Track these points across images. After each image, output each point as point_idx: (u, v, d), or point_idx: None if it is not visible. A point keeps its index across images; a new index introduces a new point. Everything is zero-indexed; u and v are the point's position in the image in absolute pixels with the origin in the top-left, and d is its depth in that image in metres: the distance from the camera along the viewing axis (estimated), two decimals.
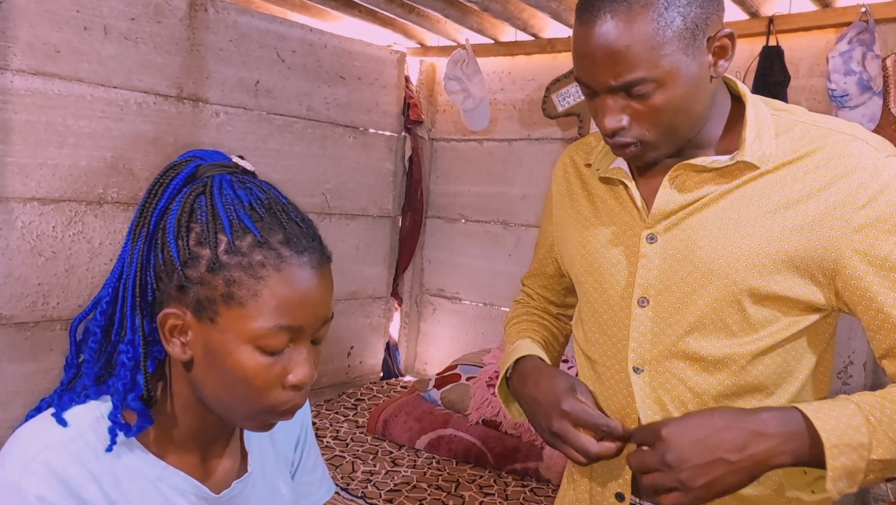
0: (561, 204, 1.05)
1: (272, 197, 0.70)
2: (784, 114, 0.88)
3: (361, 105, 2.97)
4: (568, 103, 2.63)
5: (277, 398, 0.69)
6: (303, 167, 2.77)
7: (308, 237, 0.69)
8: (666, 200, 0.88)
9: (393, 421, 2.46)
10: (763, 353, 0.86)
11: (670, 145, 0.85)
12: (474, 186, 3.09)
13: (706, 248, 0.85)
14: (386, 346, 3.20)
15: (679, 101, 0.80)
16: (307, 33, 2.73)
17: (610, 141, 0.85)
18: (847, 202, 0.80)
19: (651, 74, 0.78)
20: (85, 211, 2.22)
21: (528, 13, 2.61)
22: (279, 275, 0.66)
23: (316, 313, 0.69)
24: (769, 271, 0.83)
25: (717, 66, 0.82)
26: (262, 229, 0.67)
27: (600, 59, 0.79)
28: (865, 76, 2.01)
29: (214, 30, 2.45)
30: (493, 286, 3.03)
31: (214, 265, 0.66)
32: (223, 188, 0.69)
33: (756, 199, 0.84)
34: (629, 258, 0.92)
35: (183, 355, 0.69)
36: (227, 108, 2.52)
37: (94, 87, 2.18)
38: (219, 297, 0.66)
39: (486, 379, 2.43)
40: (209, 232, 0.67)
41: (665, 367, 0.89)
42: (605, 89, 0.81)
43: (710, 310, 0.86)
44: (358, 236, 3.03)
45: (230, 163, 0.73)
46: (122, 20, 2.22)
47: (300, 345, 0.69)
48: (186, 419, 0.73)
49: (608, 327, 0.95)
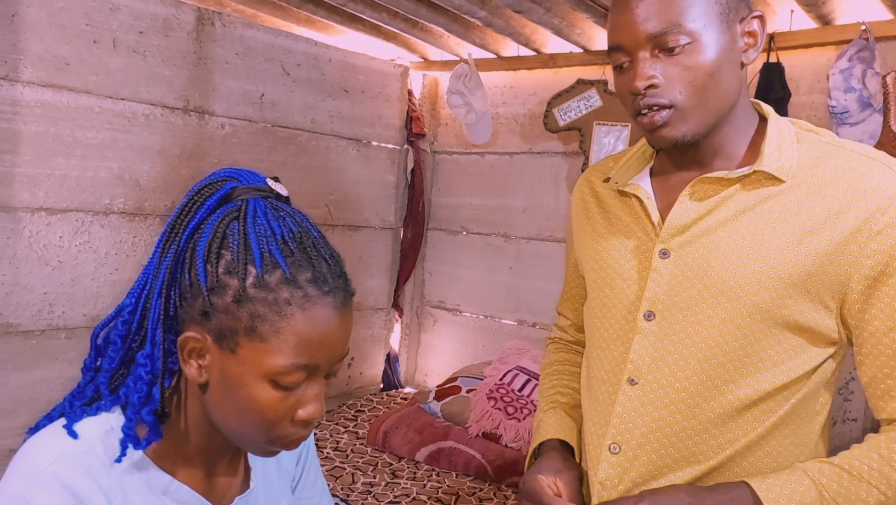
0: (579, 224, 1.06)
1: (304, 230, 0.71)
2: (810, 134, 0.88)
3: (365, 118, 3.00)
4: (570, 118, 2.65)
5: (285, 431, 0.70)
6: (306, 179, 2.80)
7: (335, 275, 0.70)
8: (681, 214, 0.88)
9: (393, 433, 2.46)
10: (762, 395, 0.84)
11: (698, 119, 0.84)
12: (476, 199, 3.11)
13: (718, 267, 0.85)
14: (386, 357, 3.21)
15: (711, 65, 0.82)
16: (312, 47, 2.76)
17: (641, 103, 0.85)
18: (864, 228, 0.80)
19: (689, 25, 0.80)
20: (91, 221, 2.24)
21: (530, 29, 2.64)
22: (303, 314, 0.66)
23: (334, 352, 0.70)
24: (781, 296, 0.82)
25: (747, 51, 0.85)
26: (291, 265, 0.67)
27: (638, 11, 0.82)
28: (866, 93, 2.03)
29: (221, 43, 2.48)
30: (493, 298, 3.04)
31: (241, 297, 0.66)
32: (257, 216, 0.69)
33: (774, 222, 0.83)
34: (640, 272, 0.92)
35: (199, 378, 0.70)
36: (232, 121, 2.55)
37: (102, 99, 2.21)
38: (242, 329, 0.66)
39: (486, 392, 2.44)
40: (239, 262, 0.67)
41: (661, 383, 0.88)
42: (643, 40, 0.82)
43: (716, 332, 0.85)
44: (360, 247, 3.05)
45: (265, 186, 0.73)
46: (131, 34, 2.25)
47: (314, 381, 0.70)
48: (196, 436, 0.74)
49: (611, 340, 0.94)
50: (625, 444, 0.90)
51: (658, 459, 0.88)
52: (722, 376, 0.85)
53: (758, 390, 0.84)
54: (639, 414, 0.89)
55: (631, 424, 0.89)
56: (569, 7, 2.31)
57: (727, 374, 0.85)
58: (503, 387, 2.45)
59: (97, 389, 0.73)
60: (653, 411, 0.88)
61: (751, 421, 0.85)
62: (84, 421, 0.71)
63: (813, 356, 0.85)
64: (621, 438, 0.90)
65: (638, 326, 0.90)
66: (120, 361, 0.73)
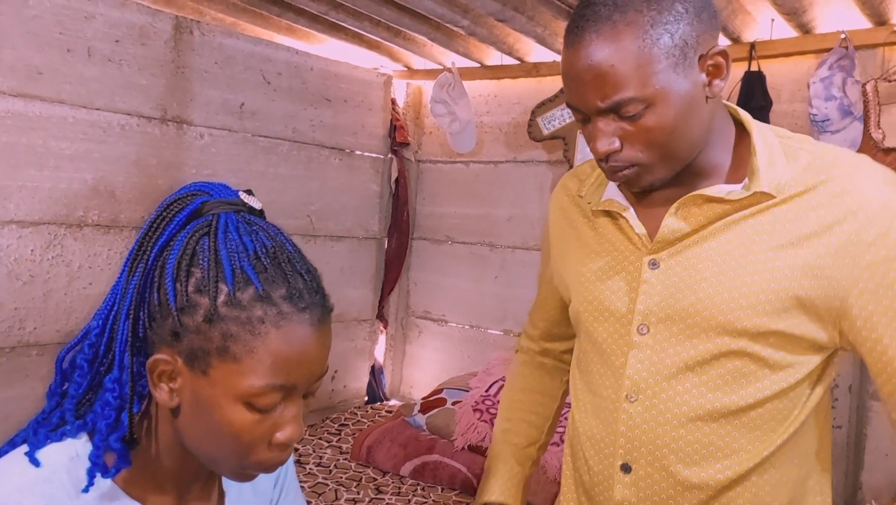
0: (559, 234, 1.03)
1: (278, 244, 0.68)
2: (789, 140, 0.86)
3: (347, 127, 2.97)
4: (553, 126, 2.64)
5: (262, 455, 0.67)
6: (287, 189, 2.76)
7: (311, 291, 0.67)
8: (672, 229, 0.85)
9: (377, 447, 2.42)
10: (762, 402, 0.84)
11: (667, 169, 0.83)
12: (460, 208, 3.09)
13: (710, 279, 0.83)
14: (371, 369, 3.17)
15: (672, 122, 0.78)
16: (293, 56, 2.73)
17: (604, 166, 0.83)
18: (855, 240, 0.78)
19: (639, 94, 0.76)
20: (64, 234, 2.18)
21: (513, 38, 2.63)
22: (278, 332, 0.64)
23: (312, 371, 0.67)
24: (774, 308, 0.80)
25: (711, 85, 0.80)
26: (264, 282, 0.65)
27: (588, 81, 0.78)
28: (846, 101, 2.04)
29: (200, 52, 2.44)
30: (479, 308, 3.01)
31: (212, 316, 0.64)
32: (229, 231, 0.67)
33: (764, 234, 0.82)
34: (630, 284, 0.89)
35: (170, 402, 0.67)
36: (211, 130, 2.50)
37: (76, 109, 2.16)
38: (213, 349, 0.64)
39: (471, 403, 2.41)
40: (210, 280, 0.64)
41: (661, 399, 0.86)
42: (595, 111, 0.79)
43: (712, 344, 0.83)
44: (343, 258, 3.01)
45: (237, 200, 0.70)
46: (106, 42, 2.20)
47: (292, 402, 0.67)
48: (167, 461, 0.71)
49: (606, 358, 0.92)
50: (635, 462, 0.88)
51: (669, 477, 0.87)
52: (721, 387, 0.84)
53: (758, 398, 0.84)
54: (643, 431, 0.87)
55: (637, 441, 0.88)
56: (551, 16, 2.31)
57: (726, 384, 0.84)
58: (489, 398, 2.42)
59: (63, 415, 0.69)
60: (656, 427, 0.87)
61: (755, 428, 0.85)
62: (48, 448, 0.67)
63: (807, 361, 0.84)
64: (631, 458, 0.89)
65: (633, 340, 0.88)
66: (87, 386, 0.70)
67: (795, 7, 2.04)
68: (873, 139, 2.12)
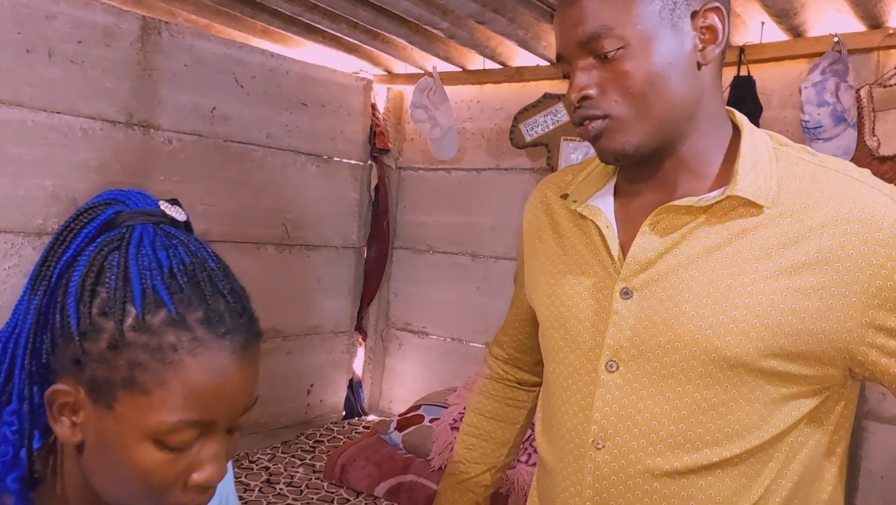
0: (531, 249, 0.94)
1: (199, 261, 0.60)
2: (786, 149, 0.77)
3: (325, 133, 2.88)
4: (536, 133, 2.55)
5: (177, 498, 0.60)
6: (261, 196, 2.66)
7: (234, 314, 0.60)
8: (644, 248, 0.76)
9: (351, 466, 2.31)
10: (751, 452, 0.73)
11: (642, 132, 0.75)
12: (442, 217, 3.00)
13: (690, 313, 0.73)
14: (349, 383, 3.06)
15: (651, 72, 0.72)
16: (268, 59, 2.64)
17: (575, 115, 0.78)
18: (863, 264, 0.69)
19: (618, 28, 0.72)
20: (22, 243, 2.08)
21: (495, 41, 2.55)
22: (193, 361, 0.57)
23: (235, 403, 0.60)
24: (766, 347, 0.70)
25: (704, 50, 0.74)
26: (179, 303, 0.57)
27: (570, 17, 0.75)
28: (839, 107, 1.95)
29: (169, 54, 2.35)
30: (461, 320, 2.91)
31: (118, 342, 0.56)
32: (142, 246, 0.59)
33: (754, 258, 0.72)
34: (599, 313, 0.79)
35: (72, 438, 0.59)
36: (180, 135, 2.41)
37: (35, 113, 2.07)
38: (119, 380, 0.57)
39: (449, 421, 2.31)
40: (116, 301, 0.57)
41: (632, 447, 0.76)
42: (575, 48, 0.75)
43: (691, 387, 0.73)
44: (320, 268, 2.91)
45: (156, 210, 0.63)
46: (69, 43, 2.11)
47: (211, 439, 0.60)
48: (75, 503, 0.63)
49: (571, 392, 0.82)
50: None
51: None
52: (702, 437, 0.74)
53: (745, 447, 0.73)
54: (612, 483, 0.77)
55: (605, 494, 0.78)
56: (533, 18, 2.22)
57: (707, 434, 0.74)
58: None
59: None
60: (626, 480, 0.76)
61: (743, 479, 0.74)
62: None
63: (806, 403, 0.74)
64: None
65: (599, 378, 0.79)
66: None
67: (786, 9, 1.95)
68: (868, 147, 2.03)
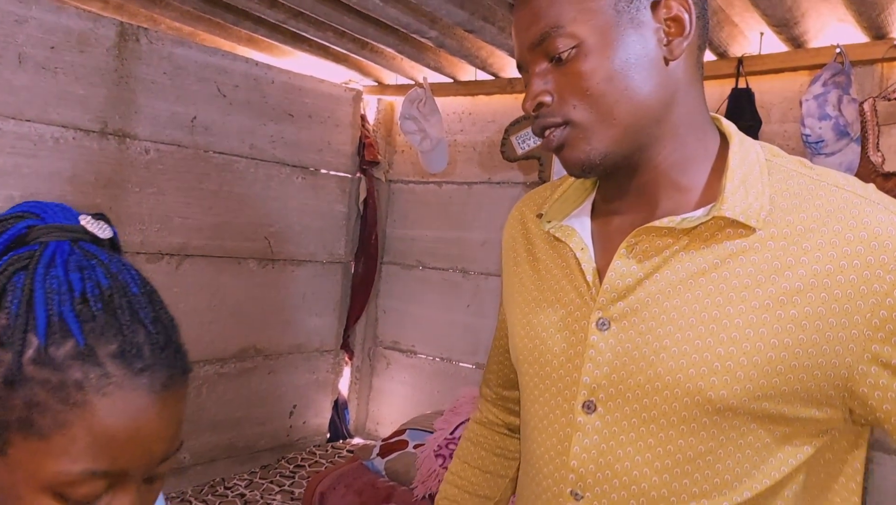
0: (507, 272, 0.86)
1: (119, 285, 0.52)
2: (780, 160, 0.69)
3: (312, 144, 2.79)
4: (528, 146, 2.47)
5: None
6: (243, 209, 2.57)
7: (156, 347, 0.52)
8: (621, 273, 0.68)
9: (330, 494, 2.20)
10: (754, 501, 0.65)
11: (607, 137, 0.67)
12: (432, 231, 2.91)
13: (672, 349, 0.65)
14: (334, 404, 2.96)
15: (611, 71, 0.66)
16: (251, 67, 2.56)
17: (535, 126, 0.72)
18: (866, 291, 0.60)
19: (570, 28, 0.67)
20: None
21: (486, 51, 2.47)
22: (102, 401, 0.49)
23: (151, 451, 0.52)
24: (756, 387, 0.62)
25: (671, 44, 0.67)
26: (89, 333, 0.50)
27: (522, 19, 0.71)
28: (842, 121, 1.87)
29: (147, 61, 2.27)
30: (450, 339, 2.81)
31: (14, 377, 0.49)
32: (53, 266, 0.52)
33: (743, 286, 0.63)
34: (574, 346, 0.71)
35: None
36: (158, 145, 2.32)
37: (3, 120, 1.98)
38: (13, 421, 0.49)
39: (434, 448, 2.20)
40: (16, 328, 0.50)
41: (612, 500, 0.67)
42: (528, 51, 0.70)
43: (675, 432, 0.65)
44: (304, 284, 2.82)
45: (76, 226, 0.55)
46: (40, 48, 2.03)
47: (124, 492, 0.51)
48: None
49: (547, 437, 0.73)
50: None
51: None
52: (688, 489, 0.65)
53: (736, 501, 0.65)
54: None
55: None
56: None
57: (694, 485, 0.65)
58: (454, 442, 2.21)
59: None
60: None
61: None
62: None
63: (804, 449, 0.65)
64: None
65: (576, 419, 0.70)
66: None
67: (787, 19, 1.87)
68: (872, 163, 1.94)
